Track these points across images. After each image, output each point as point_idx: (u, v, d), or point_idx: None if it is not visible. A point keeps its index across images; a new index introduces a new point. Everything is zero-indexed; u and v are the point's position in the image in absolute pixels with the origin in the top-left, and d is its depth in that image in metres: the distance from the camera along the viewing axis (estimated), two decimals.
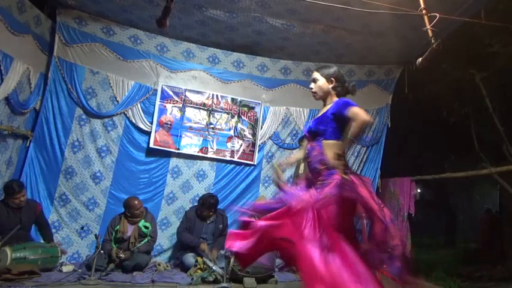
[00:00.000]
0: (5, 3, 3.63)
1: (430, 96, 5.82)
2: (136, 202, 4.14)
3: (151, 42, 4.89)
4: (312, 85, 2.45)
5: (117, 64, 4.75)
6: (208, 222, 4.40)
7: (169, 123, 4.85)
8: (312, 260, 1.91)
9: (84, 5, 4.43)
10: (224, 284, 3.40)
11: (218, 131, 5.04)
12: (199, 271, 3.77)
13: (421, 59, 3.28)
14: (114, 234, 4.07)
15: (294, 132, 5.36)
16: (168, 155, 4.88)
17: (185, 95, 4.96)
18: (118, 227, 4.08)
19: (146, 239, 4.12)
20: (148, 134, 4.79)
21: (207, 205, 4.33)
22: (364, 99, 5.39)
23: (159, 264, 4.08)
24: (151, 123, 4.78)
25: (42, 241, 3.98)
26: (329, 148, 2.25)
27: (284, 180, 2.41)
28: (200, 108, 5.01)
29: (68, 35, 4.53)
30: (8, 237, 3.43)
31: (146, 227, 4.15)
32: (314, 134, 2.36)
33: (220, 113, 5.08)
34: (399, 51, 4.94)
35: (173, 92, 4.91)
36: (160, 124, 4.81)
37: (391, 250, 2.03)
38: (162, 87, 4.86)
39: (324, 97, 2.45)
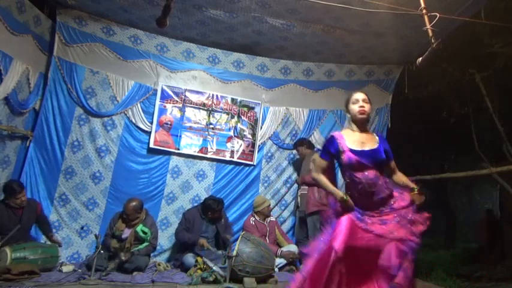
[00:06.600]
0: (4, 3, 3.62)
1: (430, 96, 5.82)
2: (130, 205, 4.00)
3: (151, 42, 4.89)
4: (365, 105, 2.40)
5: (117, 64, 4.75)
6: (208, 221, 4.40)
7: (169, 123, 4.85)
8: None
9: (84, 5, 4.42)
10: (228, 285, 3.39)
11: (218, 131, 5.04)
12: (199, 271, 3.76)
13: (421, 58, 3.29)
14: (114, 230, 4.05)
15: (294, 132, 5.36)
16: (168, 155, 4.88)
17: (185, 95, 4.96)
18: (117, 224, 4.06)
19: (146, 244, 4.02)
20: (148, 134, 4.79)
21: (219, 207, 4.36)
22: None
23: (159, 264, 4.07)
24: (151, 123, 4.78)
25: (41, 240, 3.98)
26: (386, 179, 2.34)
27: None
28: (200, 108, 5.01)
29: (68, 34, 4.53)
30: (8, 237, 3.42)
31: (144, 232, 4.02)
32: (380, 163, 2.33)
33: (220, 113, 5.08)
34: (399, 51, 4.94)
35: (173, 92, 4.91)
36: (160, 124, 4.81)
37: None
38: (162, 87, 4.86)
39: (366, 121, 2.44)
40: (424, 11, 3.18)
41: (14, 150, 4.16)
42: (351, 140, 2.34)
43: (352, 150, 2.28)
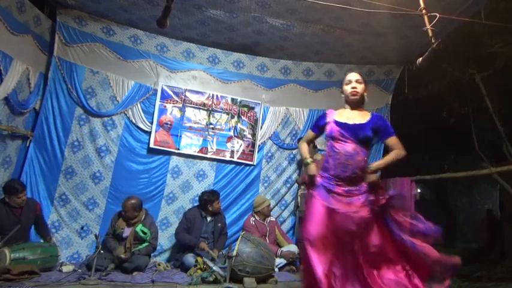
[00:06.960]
0: (4, 3, 3.62)
1: (430, 96, 5.81)
2: (128, 202, 3.99)
3: (151, 42, 4.89)
4: (357, 86, 2.47)
5: (117, 64, 4.76)
6: (208, 221, 4.40)
7: (169, 123, 4.85)
8: None
9: (84, 5, 4.42)
10: (228, 285, 3.39)
11: (218, 131, 5.04)
12: (199, 271, 3.76)
13: (421, 58, 3.28)
14: (115, 228, 4.04)
15: (294, 132, 5.36)
16: (168, 155, 4.88)
17: (185, 95, 4.96)
18: (117, 223, 4.06)
19: (146, 244, 4.01)
20: (148, 134, 4.79)
21: (216, 196, 4.39)
22: None
23: (159, 264, 4.07)
24: (151, 123, 4.78)
25: (41, 240, 3.97)
26: (367, 159, 2.34)
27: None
28: (200, 108, 5.01)
29: (68, 35, 4.53)
30: (8, 237, 3.42)
31: (144, 232, 4.02)
32: (362, 139, 2.35)
33: (220, 113, 5.08)
34: (399, 51, 4.94)
35: (173, 92, 4.91)
36: (160, 124, 4.81)
37: None
38: (162, 87, 4.86)
39: (359, 102, 2.50)
40: (423, 11, 3.18)
41: (15, 151, 4.16)
42: (340, 115, 2.48)
43: (336, 122, 2.41)
